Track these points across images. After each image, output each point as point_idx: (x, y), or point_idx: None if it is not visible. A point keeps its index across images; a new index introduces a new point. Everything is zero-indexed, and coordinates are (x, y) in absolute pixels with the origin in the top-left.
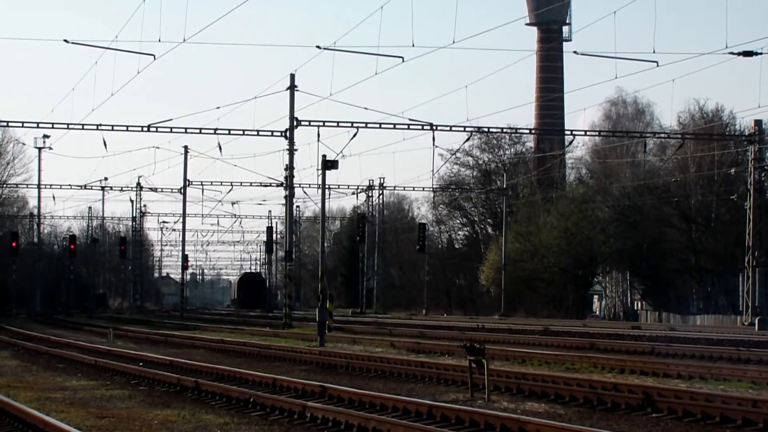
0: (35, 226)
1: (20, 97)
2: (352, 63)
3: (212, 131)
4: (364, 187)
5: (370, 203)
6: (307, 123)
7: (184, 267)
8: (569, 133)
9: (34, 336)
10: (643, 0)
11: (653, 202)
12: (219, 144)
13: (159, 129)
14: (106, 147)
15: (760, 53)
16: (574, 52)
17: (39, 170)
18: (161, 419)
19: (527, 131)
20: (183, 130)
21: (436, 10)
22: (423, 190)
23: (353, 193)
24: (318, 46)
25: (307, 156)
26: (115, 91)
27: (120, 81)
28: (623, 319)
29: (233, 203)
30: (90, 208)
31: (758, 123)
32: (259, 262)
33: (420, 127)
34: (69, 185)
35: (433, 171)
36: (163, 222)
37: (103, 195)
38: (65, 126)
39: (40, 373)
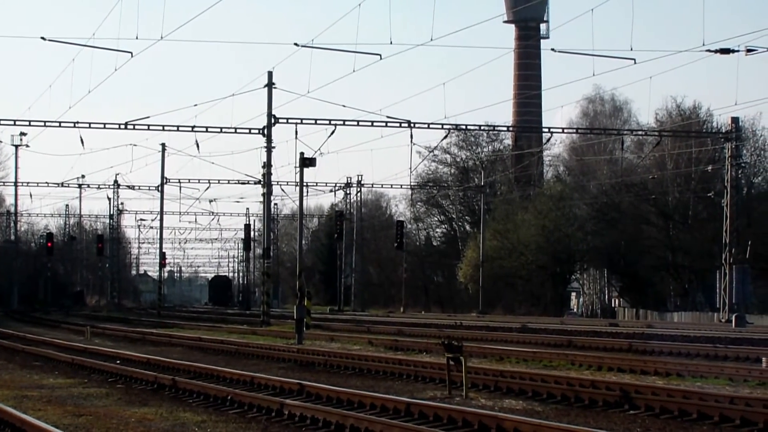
0: (12, 224)
1: None
2: (329, 60)
3: (190, 129)
4: (342, 185)
5: (348, 201)
6: (285, 120)
7: (162, 264)
8: (547, 130)
9: (10, 334)
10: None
11: (631, 199)
12: (197, 141)
13: (136, 126)
14: (83, 144)
15: (737, 51)
16: (552, 49)
17: (16, 168)
18: (139, 417)
19: (505, 129)
20: (160, 128)
21: (414, 8)
22: (401, 187)
23: (331, 191)
24: (296, 44)
25: (285, 153)
26: (93, 89)
27: (97, 78)
28: (601, 317)
29: (211, 201)
30: (67, 205)
31: (735, 120)
32: (236, 260)
33: (398, 124)
34: (46, 183)
35: (411, 168)
36: (141, 219)
37: (81, 193)
38: (42, 123)
39: (17, 371)
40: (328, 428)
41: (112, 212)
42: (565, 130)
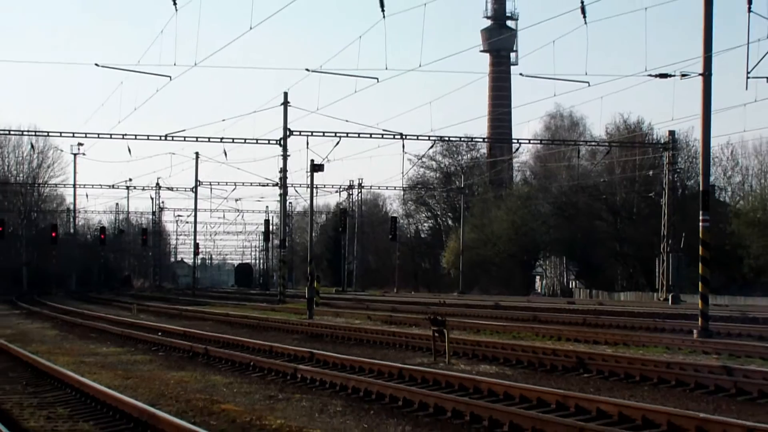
0: (71, 220)
1: (59, 111)
2: (335, 83)
3: (219, 140)
4: (346, 187)
5: (350, 200)
6: (298, 133)
7: (196, 253)
8: (516, 141)
9: (70, 311)
10: (577, 30)
11: (585, 199)
12: (224, 151)
13: (174, 138)
14: (130, 153)
15: (674, 75)
16: (520, 74)
17: (74, 172)
18: (177, 379)
19: (481, 140)
20: (194, 139)
21: (406, 39)
22: (394, 189)
23: (336, 192)
24: (307, 69)
25: (298, 160)
26: (138, 107)
27: (142, 98)
28: (560, 296)
29: (236, 200)
30: (117, 204)
31: (672, 133)
32: (257, 249)
33: (392, 136)
34: (99, 185)
35: (402, 173)
36: (178, 216)
37: (128, 193)
38: (96, 135)
39: (76, 341)
40: (334, 389)
41: (154, 209)
42: (531, 141)
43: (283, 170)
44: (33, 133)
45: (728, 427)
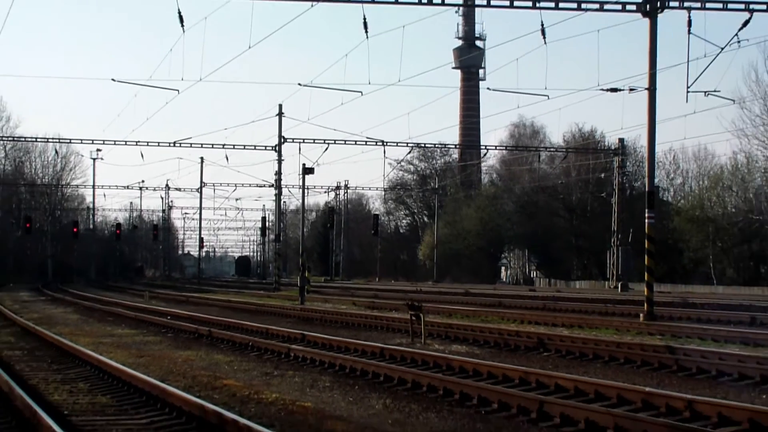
0: (90, 217)
1: (80, 120)
2: (324, 96)
3: (221, 146)
4: (333, 188)
5: (337, 199)
6: (291, 140)
7: (201, 246)
8: (484, 147)
9: (90, 297)
10: (538, 50)
11: (545, 198)
12: (226, 156)
13: (182, 144)
14: (142, 158)
15: (623, 90)
16: (487, 88)
17: (93, 175)
18: (184, 358)
19: (453, 146)
20: (200, 145)
21: (387, 57)
22: (377, 189)
23: (325, 192)
24: (299, 84)
25: (291, 164)
26: (150, 117)
27: (153, 109)
28: (523, 284)
29: (237, 199)
30: (131, 203)
31: (621, 140)
32: (255, 243)
33: (374, 143)
34: (115, 186)
35: (384, 175)
36: (185, 213)
37: (141, 193)
38: (113, 142)
39: (95, 324)
40: (323, 366)
41: (164, 208)
42: (497, 148)
43: (278, 173)
44: (57, 140)
45: (670, 400)
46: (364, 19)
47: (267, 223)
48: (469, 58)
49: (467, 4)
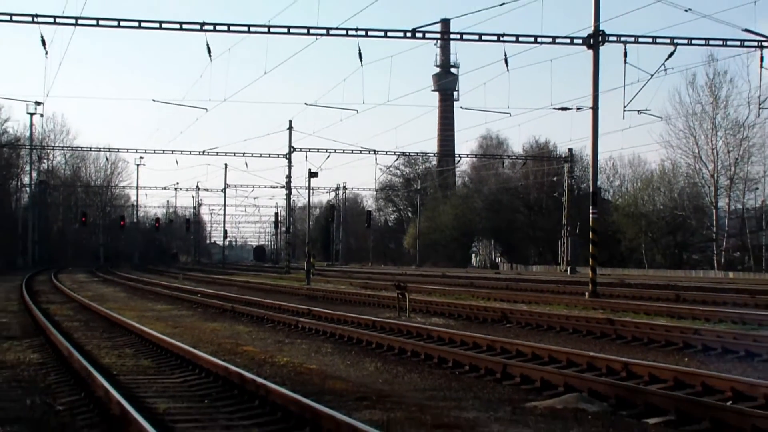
0: (134, 212)
1: (126, 133)
2: (326, 113)
3: (242, 154)
4: (334, 189)
5: (337, 198)
6: (299, 150)
7: (225, 237)
8: (458, 156)
9: (134, 278)
10: (502, 75)
11: (508, 197)
12: (246, 162)
13: (209, 153)
14: (177, 164)
15: (571, 108)
16: (461, 107)
17: (137, 178)
18: (211, 328)
19: (432, 154)
20: (224, 154)
21: (377, 81)
22: (369, 190)
23: (327, 192)
24: (306, 103)
25: (299, 169)
26: (183, 130)
27: (186, 124)
28: (489, 268)
29: (254, 198)
30: (167, 201)
31: (570, 150)
32: (269, 234)
33: (368, 152)
34: (155, 187)
35: (375, 179)
36: (212, 209)
37: (176, 193)
38: (153, 151)
39: (139, 300)
40: (326, 336)
41: (194, 205)
42: (469, 156)
43: (288, 177)
44: (107, 150)
45: (610, 362)
46: (359, 50)
47: (279, 218)
48: (446, 83)
49: (443, 37)
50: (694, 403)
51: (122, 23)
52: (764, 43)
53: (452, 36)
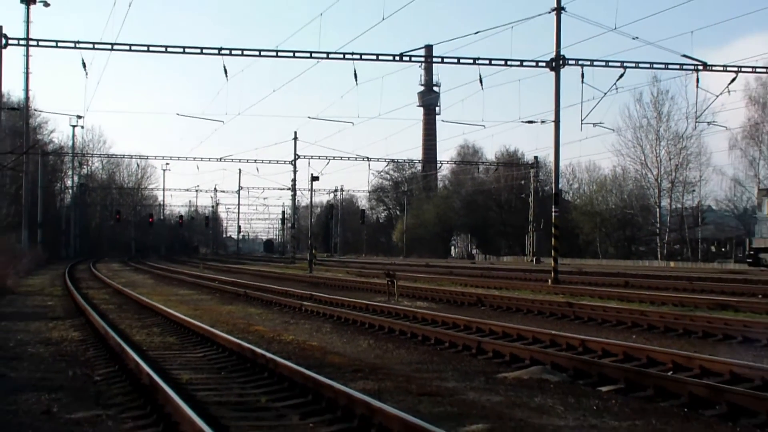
0: (161, 211)
1: (154, 142)
2: (326, 125)
3: (254, 161)
4: (333, 190)
5: (336, 199)
6: (303, 157)
7: (239, 231)
8: (439, 162)
9: (162, 268)
10: (477, 93)
11: (482, 198)
12: (257, 168)
13: (225, 160)
14: (198, 169)
15: (537, 122)
16: (442, 120)
17: (163, 181)
18: (227, 310)
19: (417, 161)
20: (238, 160)
21: (371, 97)
22: (363, 191)
23: (327, 193)
24: (309, 117)
25: (303, 174)
26: (203, 140)
27: (205, 134)
28: (466, 258)
29: (264, 198)
30: (189, 201)
31: (536, 158)
32: (277, 229)
33: (362, 158)
34: (178, 189)
35: (368, 182)
36: (228, 208)
37: (197, 194)
38: (177, 158)
39: (165, 286)
40: (326, 317)
41: (213, 204)
42: (449, 162)
43: (293, 180)
44: (138, 157)
45: (569, 339)
46: (355, 71)
47: (285, 216)
48: (429, 99)
49: (427, 60)
50: (640, 374)
51: (151, 48)
52: (699, 67)
53: (434, 59)
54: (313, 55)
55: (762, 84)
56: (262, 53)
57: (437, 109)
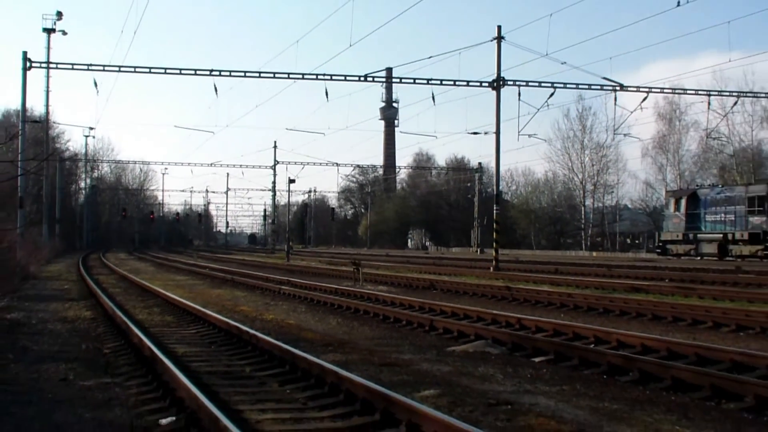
0: (161, 208)
1: (154, 149)
2: (302, 136)
3: (240, 166)
4: (307, 191)
5: (310, 198)
6: (282, 162)
7: (227, 226)
8: (398, 167)
9: (161, 257)
10: (430, 109)
11: (435, 198)
12: (242, 172)
13: (215, 165)
14: (192, 173)
15: (480, 133)
16: (400, 132)
17: (162, 183)
18: (217, 293)
19: (380, 167)
20: (227, 165)
21: (340, 112)
22: (333, 192)
23: (302, 194)
24: (287, 128)
25: (282, 177)
26: (197, 148)
27: (199, 143)
28: (421, 249)
29: (249, 198)
30: (185, 200)
31: (480, 164)
32: (260, 224)
33: (332, 164)
34: (176, 190)
35: (337, 184)
36: (218, 206)
37: (191, 195)
38: (174, 163)
39: (164, 273)
40: (301, 299)
41: (205, 203)
42: (406, 167)
43: (273, 183)
44: (141, 162)
45: (508, 318)
46: (326, 90)
47: (266, 213)
48: (389, 114)
49: (388, 81)
50: (567, 346)
51: (153, 70)
52: (617, 88)
53: (394, 80)
54: (291, 76)
55: (668, 102)
56: (247, 74)
57: (396, 122)
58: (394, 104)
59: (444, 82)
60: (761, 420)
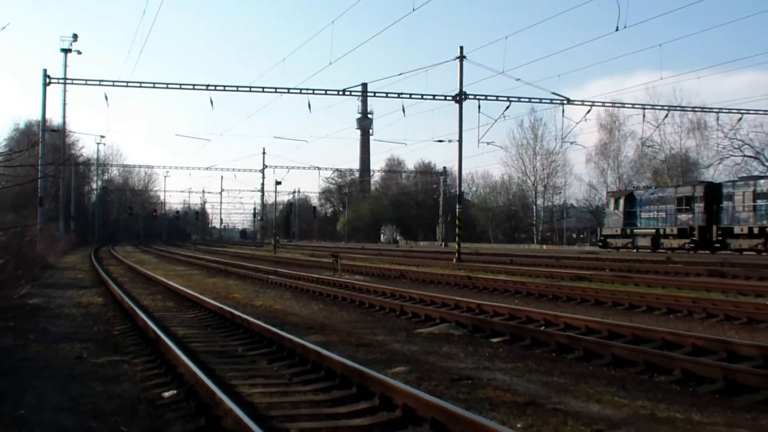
0: (163, 207)
1: (157, 155)
2: (287, 143)
3: (232, 169)
4: (292, 192)
5: (294, 198)
6: (269, 167)
7: (221, 222)
8: (372, 171)
9: (163, 250)
10: (401, 119)
11: (405, 198)
12: (235, 175)
13: (211, 168)
14: (190, 175)
15: (445, 141)
16: (375, 140)
17: (164, 184)
18: (212, 282)
19: (356, 170)
20: (221, 169)
21: (321, 122)
22: (315, 193)
23: (288, 194)
24: (274, 136)
25: (270, 179)
26: (194, 153)
27: (196, 149)
28: (393, 243)
29: (240, 198)
30: (184, 199)
31: (444, 168)
32: (250, 221)
33: (314, 168)
34: (176, 190)
35: (319, 185)
36: (213, 205)
37: (189, 195)
38: (175, 167)
39: (165, 264)
40: (286, 287)
41: (202, 203)
42: (379, 171)
43: (262, 184)
44: (145, 166)
45: (469, 304)
46: (309, 103)
47: (256, 211)
48: (365, 124)
49: (363, 95)
50: (521, 329)
51: (156, 85)
52: (564, 102)
53: (369, 94)
54: (278, 90)
55: (609, 114)
56: (239, 88)
57: (371, 131)
58: (369, 115)
59: (413, 96)
60: (687, 390)
